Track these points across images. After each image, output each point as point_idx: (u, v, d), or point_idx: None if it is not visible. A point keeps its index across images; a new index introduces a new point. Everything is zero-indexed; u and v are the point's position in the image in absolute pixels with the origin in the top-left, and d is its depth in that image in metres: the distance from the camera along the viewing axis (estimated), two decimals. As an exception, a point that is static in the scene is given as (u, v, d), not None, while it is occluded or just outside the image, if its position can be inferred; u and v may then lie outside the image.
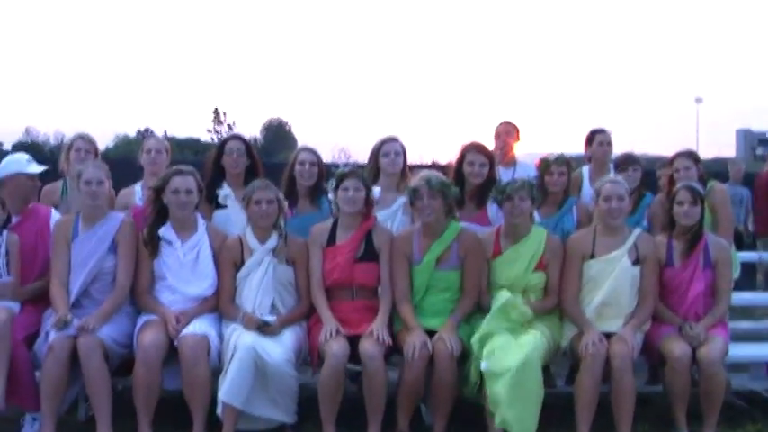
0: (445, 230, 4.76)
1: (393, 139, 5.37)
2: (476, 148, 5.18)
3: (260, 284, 4.69)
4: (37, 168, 5.09)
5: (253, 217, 4.74)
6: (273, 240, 4.73)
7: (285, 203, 4.89)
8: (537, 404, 4.36)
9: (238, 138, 5.54)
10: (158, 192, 4.73)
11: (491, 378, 4.35)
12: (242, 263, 4.74)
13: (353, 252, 4.75)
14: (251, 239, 4.75)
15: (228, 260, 4.77)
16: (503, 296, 4.61)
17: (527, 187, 4.72)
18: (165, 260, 4.71)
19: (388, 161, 5.29)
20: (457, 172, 5.14)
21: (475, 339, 4.47)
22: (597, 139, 5.82)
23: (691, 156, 5.43)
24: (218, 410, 4.40)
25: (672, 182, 5.29)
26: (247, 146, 5.45)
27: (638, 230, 4.87)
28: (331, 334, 4.45)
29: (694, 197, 4.78)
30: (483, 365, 4.37)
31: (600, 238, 4.79)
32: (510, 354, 4.35)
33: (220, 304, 4.76)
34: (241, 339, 4.42)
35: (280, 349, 4.45)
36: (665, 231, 4.95)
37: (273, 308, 4.71)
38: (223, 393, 4.34)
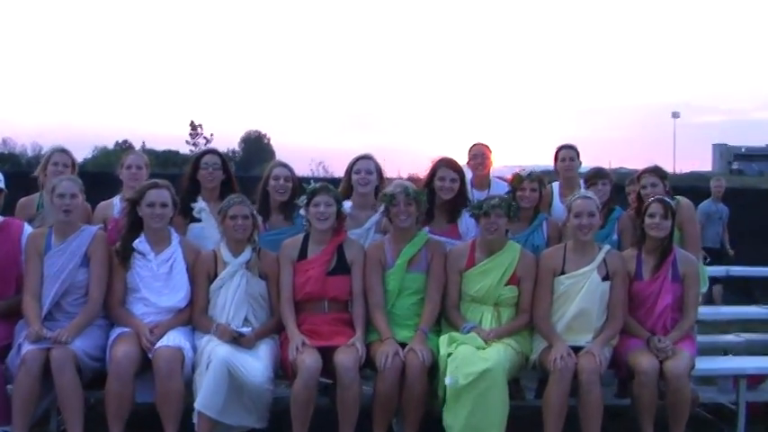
0: (415, 236, 4.88)
1: (366, 157, 5.38)
2: (446, 163, 5.25)
3: (233, 297, 4.72)
4: None
5: (228, 231, 4.76)
6: (247, 254, 4.76)
7: (260, 219, 4.92)
8: (502, 417, 4.41)
9: (214, 152, 5.57)
10: (134, 204, 4.76)
11: (453, 394, 4.39)
12: (216, 276, 4.77)
13: (325, 265, 4.79)
14: (225, 253, 4.78)
15: (203, 272, 4.79)
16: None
17: (504, 204, 4.79)
18: (139, 272, 4.72)
19: (358, 178, 5.30)
20: (428, 186, 5.18)
21: (443, 354, 4.51)
22: (560, 155, 5.88)
23: (657, 172, 5.50)
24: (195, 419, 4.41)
25: (639, 198, 5.38)
26: (223, 160, 5.48)
27: (607, 247, 4.95)
28: (298, 348, 4.48)
29: (666, 210, 4.87)
30: (447, 380, 4.40)
31: (570, 255, 4.86)
32: (473, 365, 4.40)
33: (194, 316, 4.78)
34: (216, 351, 4.43)
35: (259, 366, 4.45)
36: (636, 246, 5.03)
37: (246, 321, 4.73)
38: (198, 403, 4.35)
